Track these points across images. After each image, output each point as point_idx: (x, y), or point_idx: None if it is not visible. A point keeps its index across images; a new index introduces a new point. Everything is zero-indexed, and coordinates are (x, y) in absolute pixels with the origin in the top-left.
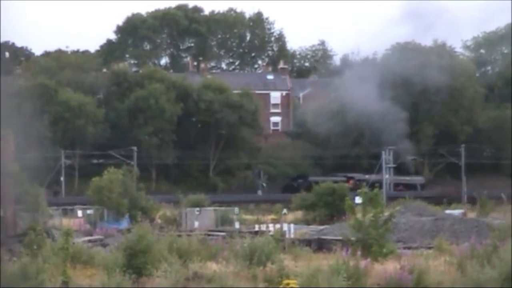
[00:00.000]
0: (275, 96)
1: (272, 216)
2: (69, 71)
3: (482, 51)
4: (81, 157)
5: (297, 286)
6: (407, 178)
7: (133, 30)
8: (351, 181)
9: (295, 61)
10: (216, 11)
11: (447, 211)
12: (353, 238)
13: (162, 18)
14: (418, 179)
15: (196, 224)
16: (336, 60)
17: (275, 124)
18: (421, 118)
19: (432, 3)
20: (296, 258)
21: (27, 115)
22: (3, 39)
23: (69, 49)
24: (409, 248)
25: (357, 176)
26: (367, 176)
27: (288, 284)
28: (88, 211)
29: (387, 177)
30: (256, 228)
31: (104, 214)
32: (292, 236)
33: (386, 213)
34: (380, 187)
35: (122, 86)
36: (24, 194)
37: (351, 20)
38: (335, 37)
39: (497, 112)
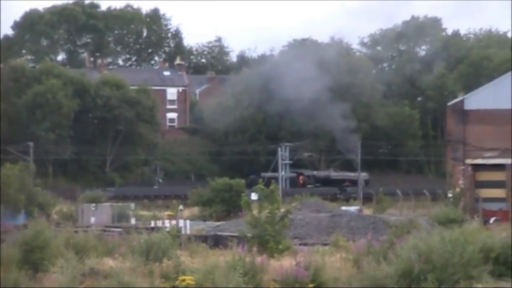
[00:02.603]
0: (172, 92)
1: (169, 212)
2: None
3: (378, 48)
4: None
5: (194, 282)
6: (352, 174)
7: (31, 26)
8: (301, 177)
9: (192, 57)
10: (113, 7)
11: (344, 208)
12: (249, 234)
13: (60, 14)
14: (362, 175)
15: (93, 219)
16: (233, 57)
17: (172, 120)
18: (318, 114)
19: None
20: (192, 254)
21: None
22: None
23: None
24: (305, 244)
25: (306, 172)
26: (315, 172)
27: (184, 280)
28: None
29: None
30: (153, 224)
31: None
32: (188, 232)
33: (283, 210)
34: (326, 183)
35: (20, 82)
36: None
37: (248, 17)
38: (231, 34)
39: (395, 109)
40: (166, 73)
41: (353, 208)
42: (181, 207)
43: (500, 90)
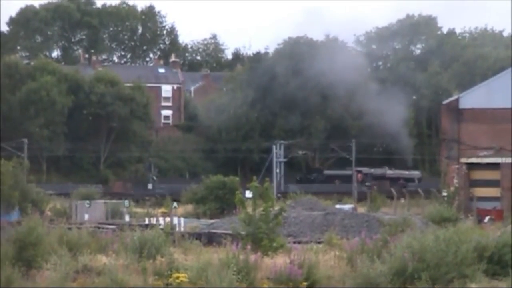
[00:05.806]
0: (167, 90)
1: (163, 209)
2: None
3: (374, 46)
4: None
5: (187, 280)
6: (406, 172)
7: (25, 22)
8: (360, 175)
9: (186, 54)
10: (108, 4)
11: (338, 206)
12: (243, 232)
13: (55, 11)
14: (415, 173)
15: (86, 216)
16: (228, 54)
17: (166, 117)
18: (312, 112)
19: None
20: (186, 252)
21: None
22: None
23: None
24: (299, 242)
25: (365, 170)
26: (372, 170)
27: (178, 277)
28: None
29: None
30: (146, 221)
31: None
32: (182, 229)
33: (277, 207)
34: (382, 180)
35: (14, 78)
36: None
37: (244, 15)
38: (227, 32)
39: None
40: (161, 70)
41: (347, 206)
42: (175, 204)
43: (495, 89)
